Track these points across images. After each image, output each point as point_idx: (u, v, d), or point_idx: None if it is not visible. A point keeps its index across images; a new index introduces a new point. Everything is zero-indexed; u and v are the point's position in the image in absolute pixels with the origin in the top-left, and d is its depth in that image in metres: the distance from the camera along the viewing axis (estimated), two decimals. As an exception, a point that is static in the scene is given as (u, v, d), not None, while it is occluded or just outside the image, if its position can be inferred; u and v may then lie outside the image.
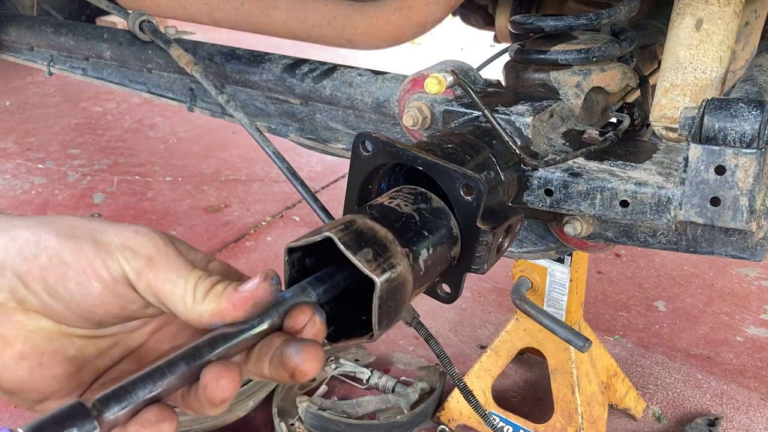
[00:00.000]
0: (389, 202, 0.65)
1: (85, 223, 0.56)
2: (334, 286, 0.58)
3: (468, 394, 1.04)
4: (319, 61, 1.34)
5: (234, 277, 0.59)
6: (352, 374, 1.88)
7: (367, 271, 0.55)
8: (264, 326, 0.54)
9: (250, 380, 1.70)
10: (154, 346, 0.60)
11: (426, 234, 0.64)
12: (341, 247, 0.55)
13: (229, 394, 0.50)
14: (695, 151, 0.74)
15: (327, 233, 0.56)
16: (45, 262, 0.53)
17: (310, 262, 0.60)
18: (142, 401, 0.48)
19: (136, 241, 0.55)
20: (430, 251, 0.63)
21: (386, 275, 0.56)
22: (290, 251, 0.58)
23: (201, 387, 0.50)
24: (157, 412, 0.49)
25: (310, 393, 1.80)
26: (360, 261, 0.55)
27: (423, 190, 0.68)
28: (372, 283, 0.55)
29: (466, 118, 0.90)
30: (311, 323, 0.55)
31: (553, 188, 0.84)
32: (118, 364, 0.59)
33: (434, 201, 0.67)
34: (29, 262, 0.53)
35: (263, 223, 2.74)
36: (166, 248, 0.56)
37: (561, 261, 1.57)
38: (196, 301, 0.54)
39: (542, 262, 1.59)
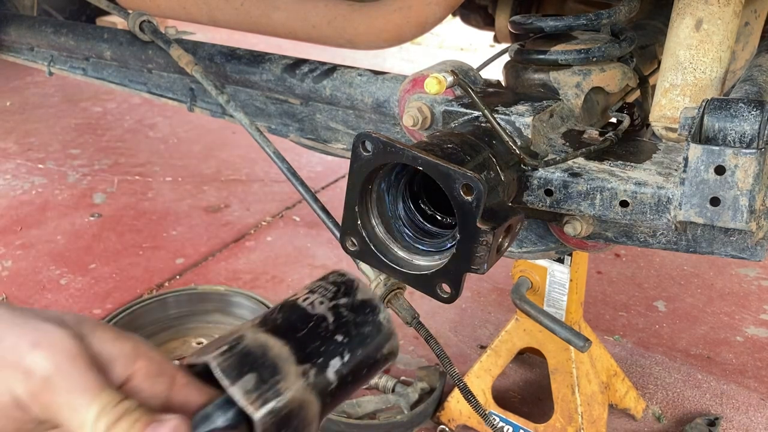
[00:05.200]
0: (303, 300, 0.58)
1: None
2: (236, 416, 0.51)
3: (468, 394, 1.04)
4: (319, 61, 1.34)
5: (166, 377, 0.53)
6: (352, 374, 1.88)
7: (242, 405, 0.49)
8: None
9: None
10: None
11: (339, 339, 0.55)
12: (218, 376, 0.50)
13: None
14: (695, 151, 0.74)
15: (206, 358, 0.51)
16: None
17: None
18: None
19: (31, 359, 0.48)
20: (345, 358, 0.55)
21: (268, 407, 0.50)
22: (189, 368, 0.54)
23: None
24: None
25: (310, 393, 1.80)
26: (237, 393, 0.49)
27: (351, 278, 0.60)
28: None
29: (466, 118, 0.90)
30: None
31: (553, 188, 0.84)
32: None
33: (360, 292, 0.59)
34: None
35: (263, 223, 2.74)
36: (70, 363, 0.48)
37: (561, 261, 1.57)
38: None
39: (542, 262, 1.59)
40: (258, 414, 0.49)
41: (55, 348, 0.49)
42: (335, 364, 0.54)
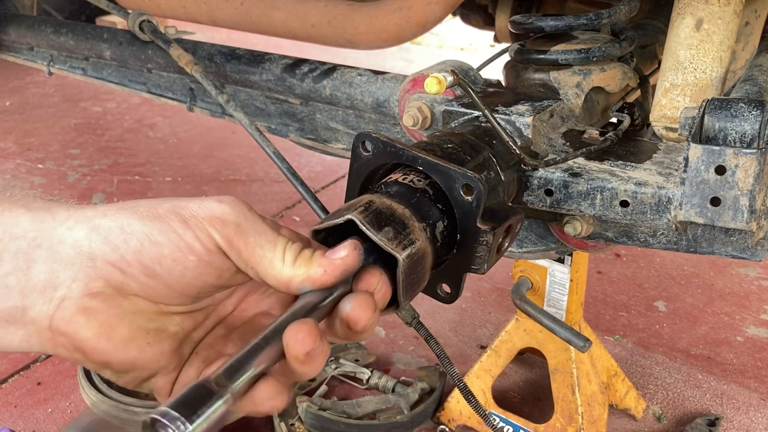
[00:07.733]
0: (403, 179, 0.67)
1: (161, 203, 0.57)
2: (378, 258, 0.61)
3: (468, 394, 1.04)
4: (319, 61, 1.34)
5: (304, 240, 0.62)
6: (352, 374, 1.88)
7: (389, 249, 0.59)
8: (342, 290, 0.58)
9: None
10: (240, 315, 0.64)
11: (440, 207, 0.67)
12: (363, 228, 0.59)
13: (311, 347, 0.52)
14: (695, 151, 0.74)
15: (349, 215, 0.59)
16: (137, 246, 0.54)
17: (333, 241, 0.63)
18: (254, 375, 0.52)
19: (221, 210, 0.57)
20: (446, 222, 0.67)
21: (407, 251, 0.60)
22: (315, 233, 0.62)
23: (285, 348, 0.53)
24: (269, 389, 0.53)
25: (310, 393, 1.80)
26: (382, 240, 0.59)
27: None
28: (395, 258, 0.59)
29: (466, 118, 0.90)
30: (380, 284, 0.58)
31: (553, 188, 0.84)
32: (209, 333, 0.62)
33: None
34: (120, 249, 0.54)
35: (263, 223, 2.74)
36: (251, 214, 0.58)
37: (561, 261, 1.57)
38: (286, 264, 0.56)
39: (542, 262, 1.59)
40: (402, 255, 0.59)
41: (236, 203, 0.58)
42: (440, 226, 0.66)
